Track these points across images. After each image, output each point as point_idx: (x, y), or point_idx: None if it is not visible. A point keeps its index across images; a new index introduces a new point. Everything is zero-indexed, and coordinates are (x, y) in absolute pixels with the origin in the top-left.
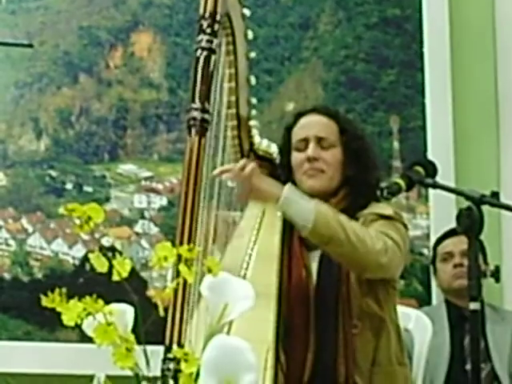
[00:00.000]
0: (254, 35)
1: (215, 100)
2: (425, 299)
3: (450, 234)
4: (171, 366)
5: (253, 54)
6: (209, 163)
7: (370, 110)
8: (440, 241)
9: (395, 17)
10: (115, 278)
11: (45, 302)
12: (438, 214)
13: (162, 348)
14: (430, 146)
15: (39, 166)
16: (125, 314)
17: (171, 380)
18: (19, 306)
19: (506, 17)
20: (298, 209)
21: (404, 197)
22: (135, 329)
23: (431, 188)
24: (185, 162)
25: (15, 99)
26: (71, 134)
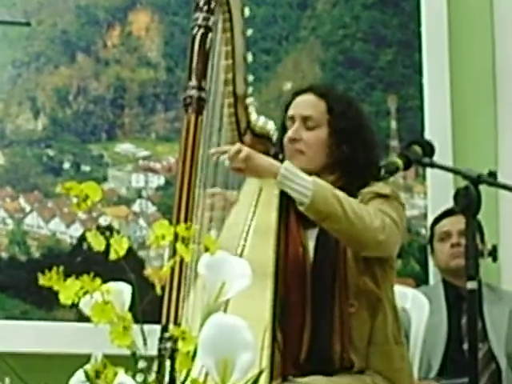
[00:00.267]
0: (252, 14)
1: (212, 78)
2: (422, 279)
3: (448, 213)
4: (168, 345)
5: (249, 32)
6: (206, 142)
7: (367, 90)
8: (437, 220)
9: None
10: (112, 256)
11: (42, 280)
12: (435, 193)
13: (158, 327)
14: (428, 126)
15: (37, 146)
16: (122, 293)
17: (168, 359)
18: (16, 285)
19: None
20: (296, 185)
21: (401, 176)
22: (132, 308)
23: (429, 167)
24: (181, 140)
25: (13, 78)
26: (69, 114)
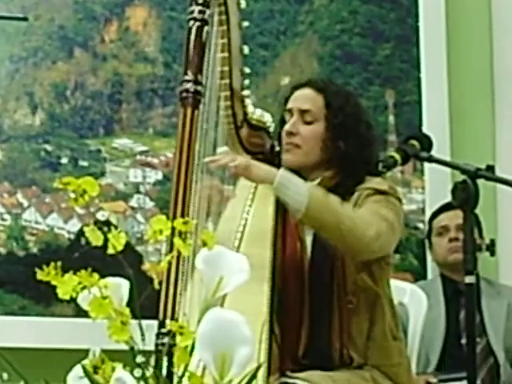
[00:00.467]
0: (250, 9)
1: (208, 71)
2: (420, 273)
3: (446, 208)
4: (165, 340)
5: (246, 24)
6: (202, 135)
7: (365, 85)
8: (435, 215)
9: None
10: (110, 251)
11: (40, 275)
12: (433, 188)
13: (156, 322)
14: (426, 120)
15: (34, 141)
16: (120, 288)
17: (165, 355)
18: (14, 280)
19: None
20: (291, 193)
21: (399, 171)
22: (130, 303)
23: (426, 162)
24: (178, 134)
25: (10, 74)
26: (66, 109)
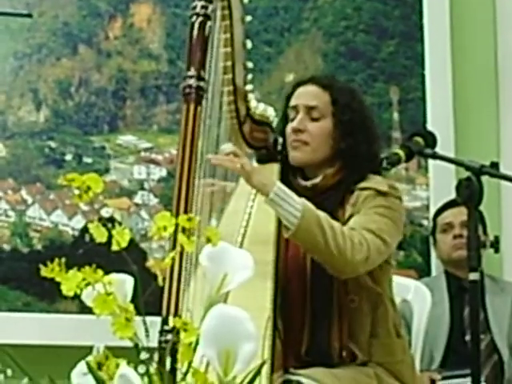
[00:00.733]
0: (254, 6)
1: (211, 66)
2: (424, 270)
3: (450, 204)
4: (168, 337)
5: (248, 18)
6: (205, 131)
7: (369, 81)
8: (440, 212)
9: None
10: (114, 247)
11: (44, 271)
12: (437, 184)
13: (160, 319)
14: (430, 117)
15: (39, 137)
16: (124, 284)
17: (169, 352)
18: (19, 277)
19: None
20: (284, 210)
21: (403, 168)
22: (134, 300)
23: (431, 158)
24: (181, 129)
25: (14, 70)
26: (71, 105)
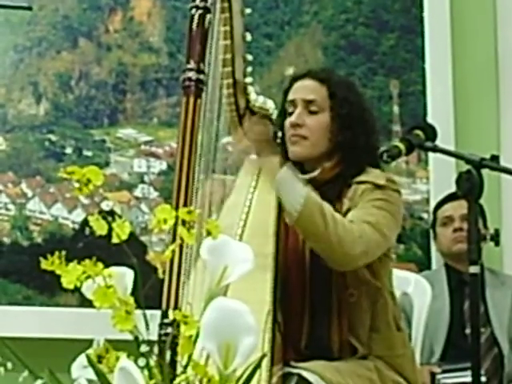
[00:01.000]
0: None
1: (211, 59)
2: (424, 263)
3: (450, 198)
4: (168, 330)
5: (248, 11)
6: (205, 125)
7: (369, 75)
8: (440, 205)
9: None
10: (115, 240)
11: (44, 264)
12: (437, 178)
13: (159, 312)
14: (430, 110)
15: (39, 131)
16: (124, 277)
17: (169, 345)
18: (19, 270)
19: None
20: (288, 196)
21: (404, 161)
22: (134, 293)
23: (431, 152)
24: (180, 122)
25: (14, 63)
26: (71, 99)
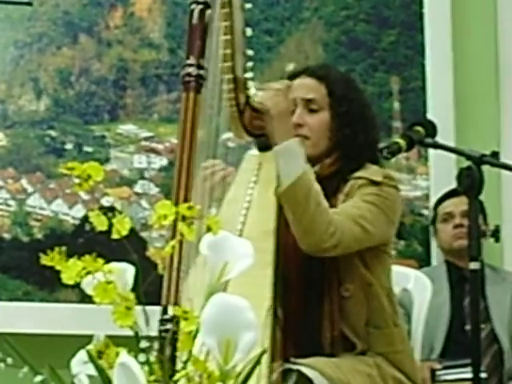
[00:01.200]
0: None
1: (211, 55)
2: (425, 260)
3: (451, 194)
4: (168, 327)
5: (248, 6)
6: (205, 121)
7: (370, 71)
8: (440, 201)
9: None
10: (115, 236)
11: (44, 260)
12: (437, 174)
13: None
14: (430, 107)
15: (39, 126)
16: (125, 273)
17: (168, 341)
18: (19, 266)
19: None
20: (289, 165)
21: (404, 157)
22: (135, 289)
23: (431, 148)
24: (180, 118)
25: (15, 59)
26: (71, 94)
